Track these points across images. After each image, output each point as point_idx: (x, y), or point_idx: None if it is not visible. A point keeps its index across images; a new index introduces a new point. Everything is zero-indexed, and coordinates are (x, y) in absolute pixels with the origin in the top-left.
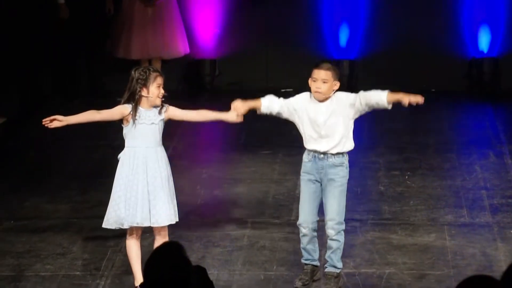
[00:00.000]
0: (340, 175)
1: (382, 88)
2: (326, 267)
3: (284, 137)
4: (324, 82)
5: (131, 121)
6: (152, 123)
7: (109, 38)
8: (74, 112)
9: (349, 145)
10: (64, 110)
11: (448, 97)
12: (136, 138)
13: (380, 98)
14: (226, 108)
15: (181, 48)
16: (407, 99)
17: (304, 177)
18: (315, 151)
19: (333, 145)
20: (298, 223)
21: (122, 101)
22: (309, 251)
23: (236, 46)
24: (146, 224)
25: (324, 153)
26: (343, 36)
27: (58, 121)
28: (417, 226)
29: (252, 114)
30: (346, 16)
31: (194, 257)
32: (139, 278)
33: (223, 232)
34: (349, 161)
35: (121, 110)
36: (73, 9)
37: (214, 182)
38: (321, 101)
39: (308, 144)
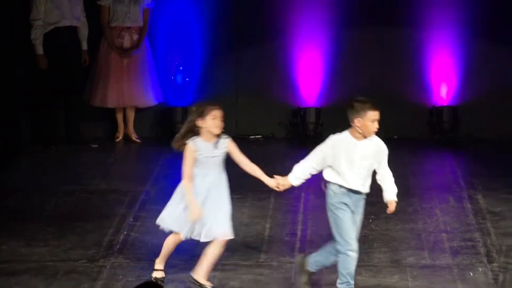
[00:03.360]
0: None
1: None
2: None
3: (252, 182)
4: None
5: (196, 155)
6: (214, 156)
7: (86, 87)
8: (52, 158)
9: None
10: (42, 157)
11: (410, 143)
12: (201, 168)
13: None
14: None
15: (154, 97)
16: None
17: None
18: (352, 190)
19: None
20: (352, 248)
21: (180, 136)
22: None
23: (206, 95)
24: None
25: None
26: (310, 86)
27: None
28: (381, 267)
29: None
30: (312, 67)
31: None
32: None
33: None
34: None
35: (192, 155)
36: (51, 60)
37: None
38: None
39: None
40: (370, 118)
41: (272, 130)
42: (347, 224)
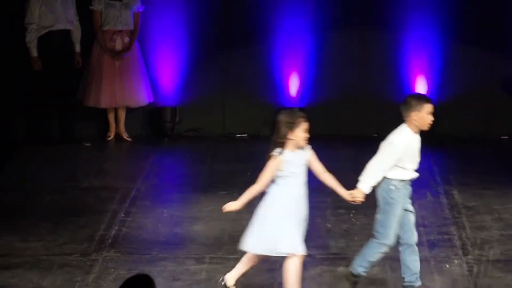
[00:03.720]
0: None
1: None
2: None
3: (239, 179)
4: None
5: (283, 167)
6: (300, 167)
7: (80, 88)
8: (47, 157)
9: None
10: (37, 155)
11: None
12: (287, 179)
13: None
14: (187, 150)
15: (145, 97)
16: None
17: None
18: (411, 180)
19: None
20: (389, 244)
21: (273, 146)
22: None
23: (195, 95)
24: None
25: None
26: (293, 86)
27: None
28: None
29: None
30: (296, 69)
31: None
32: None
33: (183, 267)
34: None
35: (276, 167)
36: (45, 62)
37: (174, 221)
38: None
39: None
40: (427, 110)
41: (257, 129)
42: (396, 220)
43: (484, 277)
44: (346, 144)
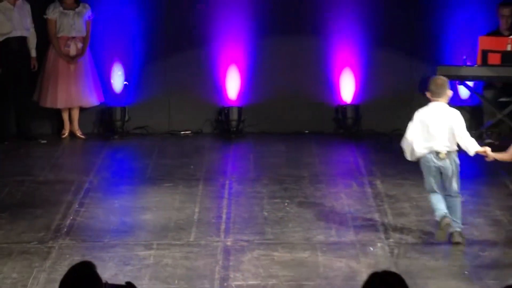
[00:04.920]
0: None
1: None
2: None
3: (183, 172)
4: None
5: None
6: None
7: (36, 90)
8: (5, 153)
9: None
10: None
11: (319, 137)
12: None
13: None
14: (135, 146)
15: (97, 98)
16: None
17: None
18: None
19: None
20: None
21: None
22: None
23: (142, 96)
24: None
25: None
26: (232, 88)
27: None
28: (295, 244)
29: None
30: (235, 71)
31: (108, 274)
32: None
33: (132, 253)
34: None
35: None
36: (3, 65)
37: (124, 211)
38: None
39: None
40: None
41: (200, 126)
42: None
43: (403, 258)
44: (279, 140)
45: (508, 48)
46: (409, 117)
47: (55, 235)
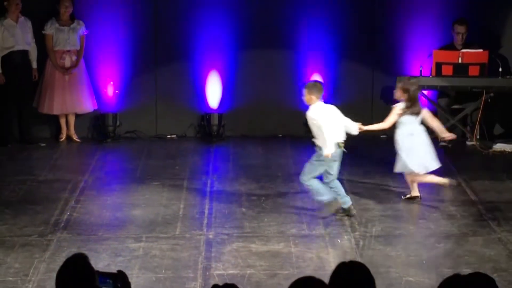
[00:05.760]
0: None
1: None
2: None
3: (169, 172)
4: None
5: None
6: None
7: (35, 98)
8: (8, 155)
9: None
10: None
11: (292, 140)
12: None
13: None
14: (126, 149)
15: (91, 105)
16: None
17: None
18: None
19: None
20: None
21: (401, 107)
22: None
23: (132, 103)
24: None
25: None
26: (213, 95)
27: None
28: (270, 237)
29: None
30: (216, 80)
31: (101, 265)
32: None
33: (123, 245)
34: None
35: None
36: (7, 76)
37: (116, 207)
38: None
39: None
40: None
41: (184, 130)
42: None
43: (368, 250)
44: (256, 143)
45: (459, 61)
46: (369, 121)
47: (54, 229)
